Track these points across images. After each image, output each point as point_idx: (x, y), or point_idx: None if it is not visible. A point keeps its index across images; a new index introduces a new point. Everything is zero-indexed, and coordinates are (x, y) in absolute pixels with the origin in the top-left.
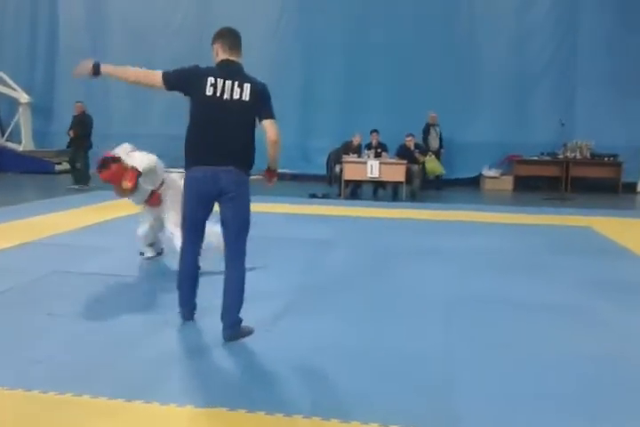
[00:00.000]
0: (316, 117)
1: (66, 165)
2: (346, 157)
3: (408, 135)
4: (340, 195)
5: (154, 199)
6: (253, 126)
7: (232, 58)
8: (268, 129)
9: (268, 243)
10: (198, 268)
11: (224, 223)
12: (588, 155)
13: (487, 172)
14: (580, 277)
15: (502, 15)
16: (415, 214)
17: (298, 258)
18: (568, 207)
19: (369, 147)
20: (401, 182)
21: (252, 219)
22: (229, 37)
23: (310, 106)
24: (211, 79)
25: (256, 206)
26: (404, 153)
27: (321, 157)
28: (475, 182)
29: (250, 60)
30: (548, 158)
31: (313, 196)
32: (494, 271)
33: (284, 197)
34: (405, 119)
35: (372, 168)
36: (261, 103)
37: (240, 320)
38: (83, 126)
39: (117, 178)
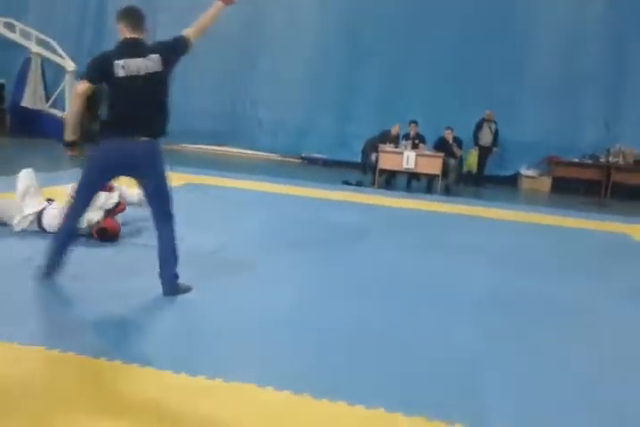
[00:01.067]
0: (356, 103)
1: None
2: (383, 147)
3: (447, 128)
4: (373, 183)
5: None
6: (167, 94)
7: (135, 35)
8: (190, 30)
9: (297, 226)
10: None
11: (148, 196)
12: (632, 161)
13: (525, 171)
14: (613, 283)
15: (555, 13)
16: (448, 209)
17: (327, 243)
18: (606, 213)
19: (407, 137)
20: (436, 175)
21: (285, 201)
22: (134, 17)
23: (351, 91)
24: (117, 62)
25: (285, 189)
26: (441, 146)
27: (357, 143)
28: (512, 181)
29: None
30: (589, 162)
31: (346, 183)
32: (525, 271)
33: (316, 182)
34: (446, 112)
35: (409, 159)
36: (171, 48)
37: (176, 275)
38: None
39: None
